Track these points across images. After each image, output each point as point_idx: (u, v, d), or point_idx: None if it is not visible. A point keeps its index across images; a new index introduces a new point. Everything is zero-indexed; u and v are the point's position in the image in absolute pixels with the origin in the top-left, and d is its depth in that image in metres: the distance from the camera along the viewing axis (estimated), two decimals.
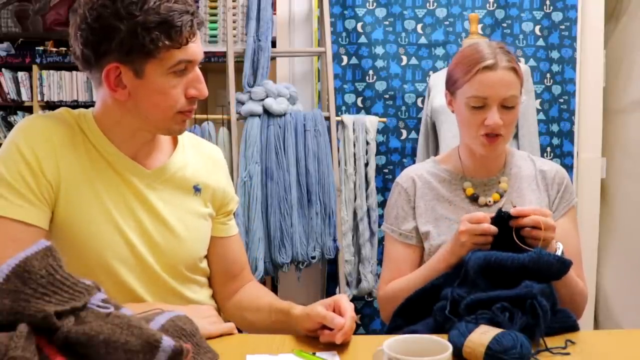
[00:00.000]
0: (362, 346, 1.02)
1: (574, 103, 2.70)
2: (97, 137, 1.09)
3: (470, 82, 1.28)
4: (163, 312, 0.91)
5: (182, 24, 0.99)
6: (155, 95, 1.03)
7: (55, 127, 1.06)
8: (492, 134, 1.28)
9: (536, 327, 0.99)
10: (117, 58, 1.00)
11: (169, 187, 1.16)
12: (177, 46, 1.00)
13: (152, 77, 1.02)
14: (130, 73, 1.01)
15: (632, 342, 1.04)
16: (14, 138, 1.04)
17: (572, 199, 1.39)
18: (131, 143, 1.11)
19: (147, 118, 1.07)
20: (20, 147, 1.02)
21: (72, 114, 1.10)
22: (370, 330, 2.73)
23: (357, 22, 2.71)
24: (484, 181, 1.39)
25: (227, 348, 1.00)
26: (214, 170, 1.25)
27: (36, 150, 1.02)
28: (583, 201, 2.70)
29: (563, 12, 2.68)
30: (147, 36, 0.97)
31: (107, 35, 0.98)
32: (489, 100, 1.27)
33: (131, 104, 1.05)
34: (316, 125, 2.46)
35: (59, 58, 2.95)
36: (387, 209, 1.46)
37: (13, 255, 0.88)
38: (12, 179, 1.00)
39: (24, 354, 0.65)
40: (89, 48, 1.01)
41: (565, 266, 1.09)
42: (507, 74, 1.27)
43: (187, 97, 1.06)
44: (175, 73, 1.03)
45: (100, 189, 1.08)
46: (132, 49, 0.98)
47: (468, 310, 1.04)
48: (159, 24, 0.98)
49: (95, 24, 0.98)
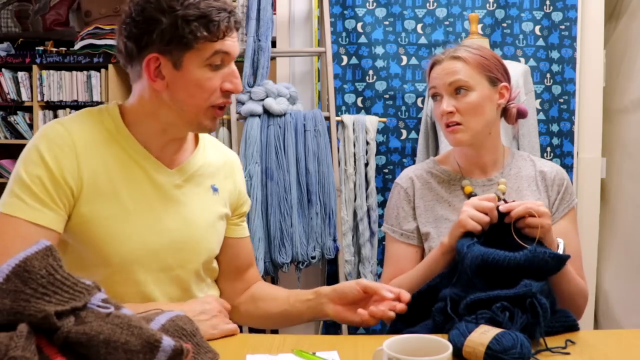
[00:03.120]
0: (362, 346, 1.02)
1: (574, 103, 2.70)
2: (123, 133, 1.11)
3: (429, 80, 1.39)
4: (163, 311, 0.91)
5: (219, 19, 1.04)
6: (192, 87, 1.07)
7: (78, 132, 1.08)
8: (451, 123, 1.32)
9: (536, 326, 0.99)
10: (158, 49, 1.04)
11: (190, 185, 1.18)
12: (214, 39, 1.05)
13: (189, 69, 1.06)
14: (169, 64, 1.06)
15: (632, 342, 1.04)
16: (36, 142, 1.06)
17: (572, 200, 1.39)
18: (159, 140, 1.13)
19: (182, 110, 1.09)
20: (42, 152, 1.04)
21: (93, 113, 1.13)
22: (370, 330, 2.73)
23: (357, 22, 2.71)
24: (482, 181, 1.39)
25: (227, 348, 1.00)
26: (231, 172, 1.28)
27: (58, 156, 1.04)
28: (583, 201, 2.70)
29: (563, 12, 2.68)
30: (187, 27, 1.02)
31: (149, 27, 1.04)
32: (438, 89, 1.34)
33: (168, 96, 1.08)
34: (316, 125, 2.46)
35: (59, 58, 2.94)
36: (387, 209, 1.46)
37: (11, 243, 0.91)
38: (31, 182, 1.02)
39: (24, 354, 0.65)
40: (132, 40, 1.06)
41: (561, 261, 1.09)
42: (451, 63, 1.34)
43: (222, 91, 1.10)
44: (211, 66, 1.07)
45: (123, 187, 1.10)
46: (172, 40, 1.03)
47: (468, 310, 1.04)
48: (198, 18, 1.03)
49: (139, 17, 1.04)
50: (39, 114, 2.97)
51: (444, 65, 1.34)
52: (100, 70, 2.93)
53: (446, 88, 1.33)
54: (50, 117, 2.97)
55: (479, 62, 1.33)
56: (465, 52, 1.34)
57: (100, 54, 2.90)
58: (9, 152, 3.24)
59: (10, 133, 3.04)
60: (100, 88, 2.94)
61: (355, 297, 1.15)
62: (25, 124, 3.03)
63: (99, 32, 2.87)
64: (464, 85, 1.31)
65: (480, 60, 1.33)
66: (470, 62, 1.32)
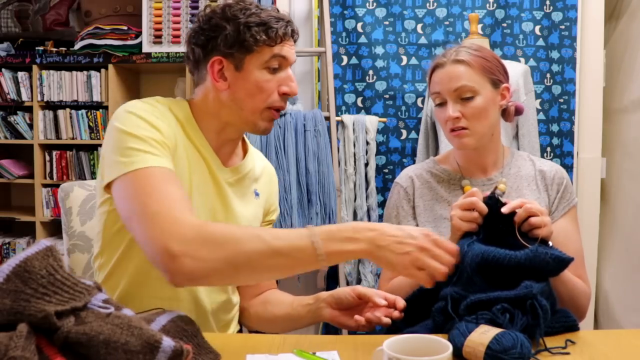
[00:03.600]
0: (362, 346, 1.02)
1: (574, 103, 2.70)
2: (191, 124, 1.19)
3: (430, 83, 1.36)
4: (164, 312, 0.91)
5: (278, 27, 1.15)
6: (251, 87, 1.15)
7: (163, 108, 1.16)
8: (457, 127, 1.31)
9: (536, 328, 0.98)
10: (222, 53, 1.15)
11: (239, 186, 1.26)
12: (273, 43, 1.14)
13: (249, 70, 1.15)
14: (231, 66, 1.15)
15: (632, 342, 1.04)
16: (129, 110, 1.10)
17: (572, 198, 1.39)
18: (217, 138, 1.21)
19: (241, 109, 1.17)
20: (141, 115, 1.09)
21: (163, 101, 1.19)
22: None
23: (357, 22, 2.71)
24: (482, 181, 1.39)
25: (227, 348, 1.00)
26: (270, 180, 1.38)
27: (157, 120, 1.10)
28: (583, 201, 2.70)
29: (563, 12, 2.68)
30: (248, 33, 1.13)
31: (214, 33, 1.15)
32: (442, 94, 1.33)
33: (229, 96, 1.17)
34: (316, 125, 2.46)
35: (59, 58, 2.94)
36: (386, 209, 1.46)
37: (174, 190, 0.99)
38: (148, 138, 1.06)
39: (24, 353, 0.65)
40: (199, 46, 1.17)
41: (562, 263, 1.07)
42: (454, 67, 1.32)
43: (280, 94, 1.18)
44: (269, 69, 1.16)
45: (189, 171, 1.16)
46: (235, 44, 1.13)
47: (468, 310, 1.03)
48: (259, 24, 1.14)
49: (206, 25, 1.16)
50: (39, 114, 2.97)
51: (448, 70, 1.32)
52: (100, 70, 2.93)
53: (451, 94, 1.31)
54: (50, 117, 2.97)
55: (482, 65, 1.32)
56: (468, 54, 1.32)
57: (100, 54, 2.90)
58: (9, 152, 3.24)
59: (10, 133, 3.04)
60: (100, 88, 2.94)
61: (350, 302, 1.19)
62: (25, 124, 3.03)
63: (99, 32, 2.87)
64: (470, 91, 1.30)
65: (483, 62, 1.32)
66: (474, 66, 1.31)
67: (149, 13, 2.86)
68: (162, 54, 2.86)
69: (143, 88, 3.24)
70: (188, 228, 0.94)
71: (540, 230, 1.10)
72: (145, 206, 0.98)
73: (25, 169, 3.15)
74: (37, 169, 3.00)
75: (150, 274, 1.13)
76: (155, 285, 1.14)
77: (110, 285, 1.18)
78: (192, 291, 1.19)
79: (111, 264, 1.17)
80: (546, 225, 1.10)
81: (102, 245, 1.18)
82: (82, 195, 1.45)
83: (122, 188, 1.03)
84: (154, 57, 2.87)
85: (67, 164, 3.02)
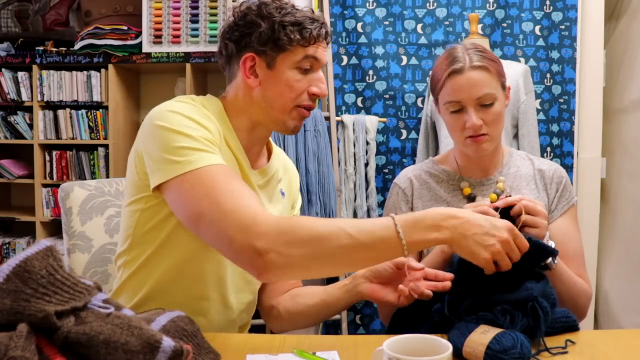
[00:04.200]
0: (362, 346, 1.02)
1: (574, 103, 2.70)
2: (225, 123, 1.18)
3: (444, 88, 1.30)
4: (164, 312, 0.91)
5: (312, 28, 1.15)
6: (282, 86, 1.15)
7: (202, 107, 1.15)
8: (478, 134, 1.28)
9: (537, 329, 0.98)
10: (255, 50, 1.15)
11: (268, 188, 1.26)
12: (306, 44, 1.14)
13: (281, 69, 1.15)
14: (263, 64, 1.15)
15: (632, 342, 1.04)
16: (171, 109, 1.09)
17: (572, 197, 1.39)
18: (247, 137, 1.21)
19: (271, 107, 1.17)
20: (185, 114, 1.08)
21: (197, 99, 1.18)
22: (370, 330, 2.73)
23: (357, 22, 2.71)
24: (481, 181, 1.39)
25: (227, 348, 1.00)
26: (293, 181, 1.39)
27: (201, 119, 1.10)
28: (583, 201, 2.70)
29: (563, 12, 2.68)
30: (282, 31, 1.13)
31: (249, 30, 1.15)
32: (463, 102, 1.27)
33: (259, 93, 1.17)
34: (316, 125, 2.46)
35: (59, 58, 2.94)
36: (385, 209, 1.46)
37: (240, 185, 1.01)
38: (200, 137, 1.06)
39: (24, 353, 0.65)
40: (232, 42, 1.17)
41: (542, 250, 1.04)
42: (475, 74, 1.26)
43: (309, 94, 1.17)
44: (300, 69, 1.16)
45: None
46: (268, 42, 1.13)
47: (468, 311, 1.03)
48: (293, 24, 1.14)
49: (241, 22, 1.16)
50: (39, 114, 2.97)
51: (469, 76, 1.26)
52: (100, 70, 2.93)
53: (473, 101, 1.27)
54: (50, 117, 2.98)
55: (496, 69, 1.29)
56: (482, 58, 1.28)
57: (100, 54, 2.90)
58: (9, 152, 3.24)
59: (10, 133, 3.04)
60: (100, 88, 2.94)
61: (389, 274, 1.17)
62: (25, 124, 3.03)
63: (99, 32, 2.87)
64: (491, 98, 1.27)
65: (496, 66, 1.30)
66: (492, 71, 1.28)
67: (149, 13, 2.86)
68: (162, 54, 2.86)
69: (143, 88, 3.24)
70: (269, 224, 0.94)
71: (531, 230, 1.10)
72: (218, 205, 0.96)
73: (25, 169, 3.15)
74: (37, 169, 3.00)
75: (182, 273, 1.13)
76: (185, 285, 1.15)
77: (136, 282, 1.17)
78: (222, 292, 1.19)
79: (139, 261, 1.16)
80: (539, 227, 1.10)
81: (131, 243, 1.17)
82: (82, 195, 1.45)
83: (184, 189, 1.01)
84: (154, 57, 2.87)
85: (67, 164, 3.02)
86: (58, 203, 2.09)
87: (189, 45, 2.85)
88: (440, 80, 1.30)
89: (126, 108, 3.06)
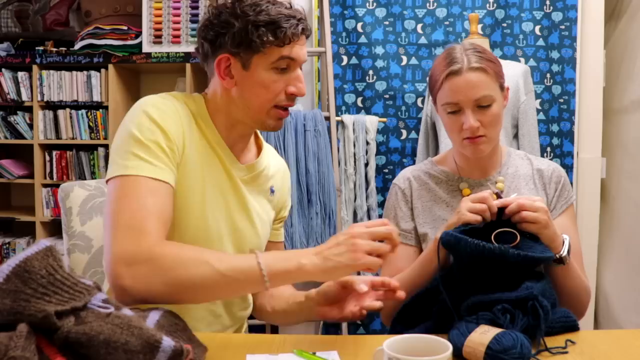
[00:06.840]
0: (362, 346, 1.02)
1: (574, 103, 2.70)
2: (205, 120, 1.18)
3: (442, 89, 1.29)
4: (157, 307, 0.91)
5: (287, 26, 1.11)
6: (258, 87, 1.14)
7: (178, 105, 1.15)
8: (475, 136, 1.28)
9: (537, 328, 0.98)
10: (229, 51, 1.13)
11: (255, 184, 1.26)
12: (281, 44, 1.11)
13: (256, 70, 1.13)
14: (238, 64, 1.14)
15: (632, 342, 1.04)
16: (144, 109, 1.10)
17: (570, 196, 1.39)
18: (230, 134, 1.20)
19: (248, 108, 1.16)
20: (153, 117, 1.08)
21: (179, 96, 1.18)
22: (370, 330, 2.73)
23: (357, 22, 2.71)
24: (480, 181, 1.39)
25: (227, 348, 1.00)
26: (284, 178, 1.38)
27: (168, 121, 1.10)
28: (583, 201, 2.70)
29: (563, 12, 2.68)
30: (255, 32, 1.10)
31: (223, 30, 1.12)
32: (460, 104, 1.27)
33: (236, 93, 1.16)
34: (316, 125, 2.47)
35: (59, 58, 2.94)
36: (385, 210, 1.46)
37: (154, 203, 0.99)
38: (150, 144, 1.06)
39: (24, 353, 0.65)
40: (207, 41, 1.15)
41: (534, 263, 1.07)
42: (473, 75, 1.25)
43: (287, 94, 1.16)
44: (277, 69, 1.14)
45: (202, 167, 1.16)
46: (242, 43, 1.11)
47: (469, 311, 1.04)
48: (267, 24, 1.10)
49: (215, 20, 1.14)
50: (39, 114, 2.97)
51: (467, 78, 1.25)
52: (100, 70, 2.93)
53: (471, 103, 1.26)
54: (50, 117, 2.98)
55: (495, 70, 1.29)
56: (480, 59, 1.27)
57: (100, 54, 2.90)
58: (9, 152, 3.24)
59: (10, 133, 3.04)
60: (100, 88, 2.94)
61: (336, 295, 1.16)
62: (25, 124, 3.03)
63: (99, 32, 2.87)
64: (489, 99, 1.27)
65: (494, 67, 1.29)
66: (490, 72, 1.27)
67: (149, 13, 2.86)
68: (162, 54, 2.86)
69: (143, 88, 3.24)
70: (143, 248, 0.96)
71: (530, 225, 1.10)
72: (118, 214, 1.00)
73: (25, 169, 3.15)
74: (37, 169, 3.01)
75: None
76: None
77: None
78: None
79: None
80: (539, 222, 1.10)
81: None
82: (82, 195, 1.44)
83: (111, 189, 1.04)
84: (154, 57, 2.87)
85: (67, 164, 3.02)
86: (58, 203, 2.09)
87: (189, 45, 2.85)
88: (438, 81, 1.30)
89: (126, 108, 3.05)
